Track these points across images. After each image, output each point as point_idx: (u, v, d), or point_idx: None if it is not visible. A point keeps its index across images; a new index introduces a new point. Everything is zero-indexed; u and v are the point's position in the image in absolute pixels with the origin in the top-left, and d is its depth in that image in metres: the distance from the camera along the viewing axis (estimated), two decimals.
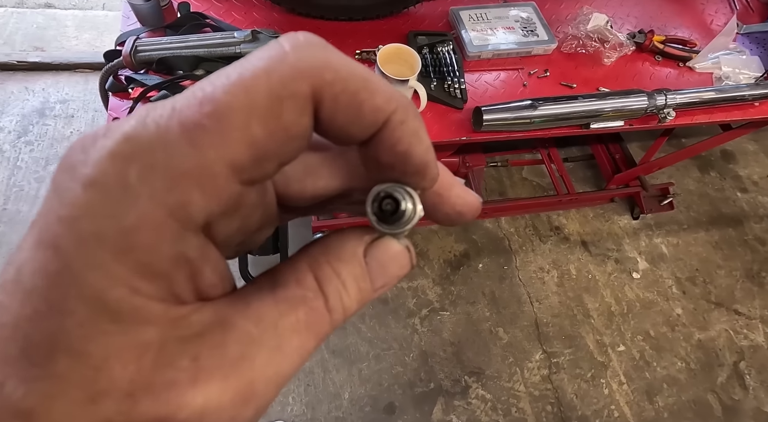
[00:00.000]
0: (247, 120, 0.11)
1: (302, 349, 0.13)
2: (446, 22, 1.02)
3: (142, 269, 0.11)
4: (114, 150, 0.11)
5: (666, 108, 0.94)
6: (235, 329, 0.12)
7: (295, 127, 0.12)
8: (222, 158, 0.11)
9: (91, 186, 0.11)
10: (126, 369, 0.11)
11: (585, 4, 1.10)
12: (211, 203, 0.11)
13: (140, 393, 0.11)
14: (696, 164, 1.89)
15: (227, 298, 0.13)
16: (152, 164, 0.11)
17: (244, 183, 0.12)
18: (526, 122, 0.90)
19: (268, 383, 0.12)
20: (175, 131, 0.11)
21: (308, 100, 0.12)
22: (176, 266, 0.11)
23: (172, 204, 0.11)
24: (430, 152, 0.14)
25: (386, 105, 0.13)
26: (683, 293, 1.60)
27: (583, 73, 1.01)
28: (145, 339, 0.11)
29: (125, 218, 0.11)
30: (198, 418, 0.11)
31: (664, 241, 1.70)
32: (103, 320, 0.11)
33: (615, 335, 1.49)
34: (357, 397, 1.31)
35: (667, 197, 1.62)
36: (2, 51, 1.73)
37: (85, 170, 0.11)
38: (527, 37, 1.00)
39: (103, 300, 0.11)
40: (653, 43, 1.04)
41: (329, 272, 0.14)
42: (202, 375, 0.11)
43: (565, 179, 1.56)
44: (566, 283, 1.57)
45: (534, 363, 1.43)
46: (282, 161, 0.13)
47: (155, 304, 0.11)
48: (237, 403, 0.12)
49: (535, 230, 1.66)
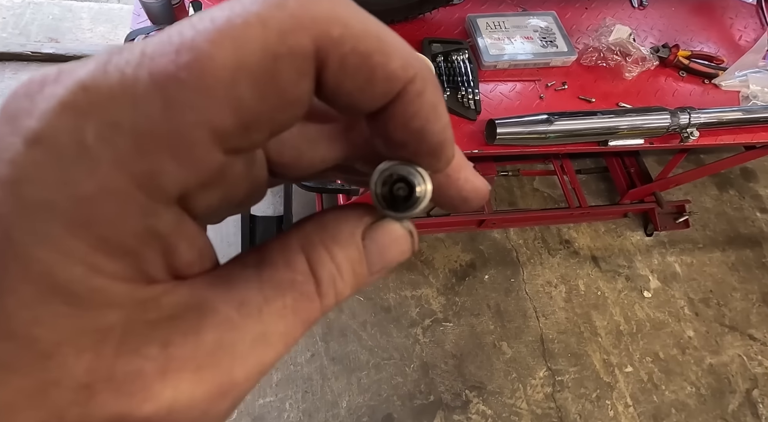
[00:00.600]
0: (234, 78, 0.09)
1: (288, 337, 0.12)
2: (462, 29, 0.99)
3: (102, 244, 0.09)
4: (66, 100, 0.09)
5: (689, 127, 0.90)
6: (213, 313, 0.11)
7: (292, 91, 0.10)
8: (202, 122, 0.09)
9: (37, 143, 0.09)
10: (81, 357, 0.09)
11: (607, 15, 1.06)
12: (187, 174, 0.10)
13: (99, 384, 0.10)
14: (714, 181, 1.83)
15: (206, 277, 0.12)
16: (116, 122, 0.09)
17: (228, 152, 0.10)
18: (540, 137, 0.87)
19: (248, 373, 0.11)
20: (145, 83, 0.09)
21: (310, 60, 0.10)
22: (145, 243, 0.10)
23: (139, 173, 0.09)
24: (448, 130, 0.12)
25: (403, 72, 0.11)
26: (696, 315, 1.55)
27: (602, 88, 0.97)
28: (106, 322, 0.10)
29: (81, 185, 0.09)
30: (165, 414, 0.10)
31: (677, 260, 1.65)
32: (54, 301, 0.09)
33: (623, 355, 1.45)
34: (355, 407, 1.28)
35: (683, 215, 1.58)
36: (17, 41, 1.74)
37: (29, 122, 0.09)
38: (546, 47, 0.96)
39: (53, 279, 0.09)
40: (678, 58, 1.00)
41: (323, 254, 0.13)
42: (172, 364, 0.10)
43: (578, 192, 1.52)
44: (574, 299, 1.53)
45: (537, 379, 1.39)
46: (274, 130, 0.11)
47: (119, 284, 0.10)
48: (212, 397, 0.10)
49: (544, 243, 1.62)
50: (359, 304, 1.43)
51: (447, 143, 0.13)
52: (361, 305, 1.43)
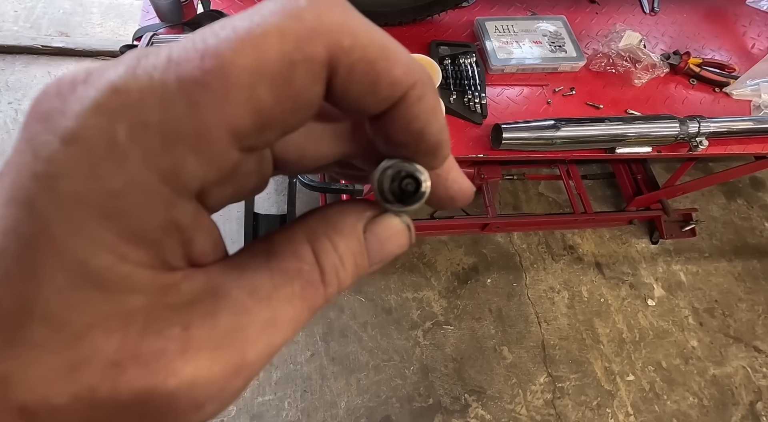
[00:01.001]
0: (253, 83, 0.10)
1: (295, 321, 0.13)
2: (471, 32, 0.98)
3: (129, 235, 0.10)
4: (99, 102, 0.10)
5: (698, 136, 0.89)
6: (228, 298, 0.12)
7: (306, 95, 0.11)
8: (223, 123, 0.10)
9: (73, 142, 0.10)
10: (111, 338, 0.10)
11: (618, 21, 1.05)
12: (207, 170, 0.11)
13: (127, 361, 0.10)
14: (722, 190, 1.81)
15: (219, 265, 0.13)
16: (145, 122, 0.10)
17: (243, 150, 0.11)
18: (547, 143, 0.86)
19: (259, 354, 0.12)
20: (172, 87, 0.10)
21: (323, 67, 0.11)
22: (167, 234, 0.11)
23: (165, 169, 0.10)
24: (445, 131, 0.14)
25: (405, 78, 0.12)
26: (700, 324, 1.54)
27: (611, 94, 0.96)
28: (132, 306, 0.11)
29: (112, 179, 0.10)
30: (187, 388, 0.11)
31: (683, 269, 1.63)
32: (86, 287, 0.10)
33: (625, 363, 1.44)
34: (353, 407, 1.28)
35: (690, 223, 1.56)
36: (28, 35, 1.75)
37: (64, 122, 0.10)
38: (554, 52, 0.96)
39: (86, 267, 0.10)
40: (689, 65, 0.99)
41: (327, 245, 0.14)
42: (192, 344, 0.11)
43: (583, 198, 1.51)
44: (577, 305, 1.52)
45: (538, 385, 1.38)
46: (286, 130, 0.12)
47: (143, 271, 0.11)
48: (228, 374, 0.11)
49: (547, 248, 1.61)
50: (360, 305, 1.43)
51: (443, 143, 0.14)
52: (362, 306, 1.43)
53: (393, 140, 0.13)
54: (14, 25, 1.78)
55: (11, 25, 1.78)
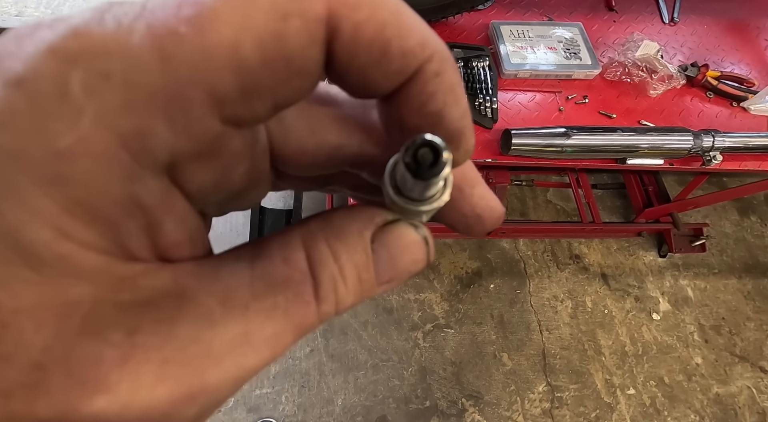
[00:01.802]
0: (238, 38, 0.08)
1: (275, 342, 0.10)
2: (485, 35, 0.98)
3: (76, 207, 0.08)
4: (55, 45, 0.08)
5: (713, 150, 0.87)
6: (192, 303, 0.10)
7: (300, 57, 0.09)
8: (199, 82, 0.08)
9: (17, 87, 0.08)
10: (40, 332, 0.08)
11: (636, 30, 1.03)
12: (179, 137, 0.09)
13: (53, 365, 0.08)
14: (736, 206, 1.78)
15: (193, 264, 0.11)
16: (105, 72, 0.08)
17: (227, 121, 0.09)
18: (557, 150, 0.85)
19: (223, 377, 0.10)
20: (141, 35, 0.08)
21: (321, 25, 0.09)
22: (125, 212, 0.09)
23: (126, 130, 0.08)
24: (467, 117, 0.11)
25: (420, 49, 0.10)
26: (705, 341, 1.51)
27: (624, 104, 0.95)
28: (73, 297, 0.09)
29: (59, 137, 0.08)
30: (120, 410, 0.09)
31: (690, 284, 1.60)
32: (16, 262, 0.08)
33: (626, 376, 1.42)
34: (350, 405, 1.29)
35: (700, 238, 1.53)
36: None
37: (12, 64, 0.08)
38: (569, 59, 0.95)
39: (18, 239, 0.08)
40: (706, 78, 0.97)
41: (325, 252, 0.11)
42: (135, 354, 0.09)
43: (592, 207, 1.49)
44: (580, 315, 1.51)
45: (536, 394, 1.37)
46: (278, 102, 0.10)
47: (92, 255, 0.09)
48: (176, 399, 0.09)
49: (553, 256, 1.59)
50: (361, 304, 1.43)
51: (466, 132, 0.12)
52: (363, 304, 1.43)
53: (406, 125, 0.11)
54: (36, 11, 1.81)
55: (33, 11, 1.81)
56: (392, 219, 0.13)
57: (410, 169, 0.11)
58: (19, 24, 0.54)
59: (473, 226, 0.14)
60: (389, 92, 0.11)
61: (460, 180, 0.13)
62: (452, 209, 0.14)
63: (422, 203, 0.12)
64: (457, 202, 0.14)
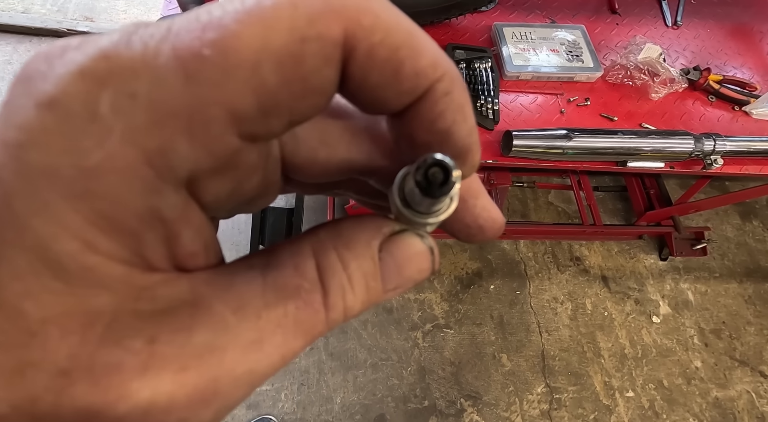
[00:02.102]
0: (259, 60, 0.09)
1: (286, 348, 0.11)
2: (488, 37, 0.98)
3: (102, 221, 0.09)
4: (85, 67, 0.08)
5: (714, 154, 0.87)
6: (208, 312, 0.10)
7: (317, 78, 0.10)
8: (220, 102, 0.09)
9: (49, 108, 0.08)
10: (66, 340, 0.09)
11: (639, 33, 1.03)
12: (199, 154, 0.09)
13: (77, 372, 0.09)
14: (738, 210, 1.77)
15: (208, 273, 0.11)
16: (133, 93, 0.09)
17: (244, 138, 0.10)
18: (558, 152, 0.85)
19: (236, 382, 0.10)
20: (167, 57, 0.09)
21: (337, 47, 0.10)
22: (147, 225, 0.10)
23: (150, 148, 0.09)
24: (475, 133, 0.12)
25: (432, 70, 0.10)
26: (705, 345, 1.51)
27: (626, 107, 0.95)
28: (96, 306, 0.09)
29: (88, 155, 0.08)
30: (141, 415, 0.09)
31: (691, 287, 1.60)
32: (45, 274, 0.09)
33: (625, 379, 1.42)
34: (349, 404, 1.29)
35: (701, 242, 1.53)
36: (55, 18, 1.80)
37: (43, 85, 0.08)
38: (571, 61, 0.95)
39: (47, 251, 0.09)
40: (708, 82, 0.97)
41: (335, 261, 0.12)
42: (155, 362, 0.09)
43: (593, 209, 1.49)
44: (580, 317, 1.51)
45: (535, 395, 1.38)
46: (293, 119, 0.10)
47: (115, 266, 0.09)
48: (193, 402, 0.10)
49: (554, 258, 1.60)
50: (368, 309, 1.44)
51: (473, 148, 0.12)
52: None
53: (416, 141, 0.12)
54: (42, 7, 1.83)
55: (39, 8, 1.82)
56: (399, 229, 0.13)
57: (421, 187, 0.11)
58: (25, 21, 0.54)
59: (475, 235, 0.15)
60: (400, 109, 0.11)
61: (464, 191, 0.14)
62: (455, 219, 0.14)
63: (428, 216, 0.12)
64: (460, 213, 0.14)
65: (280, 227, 1.25)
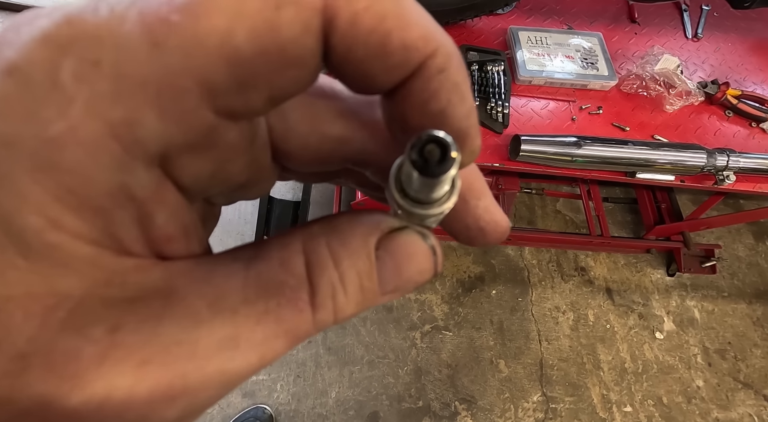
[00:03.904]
0: (230, 26, 0.08)
1: (265, 349, 0.10)
2: (503, 40, 0.98)
3: (67, 196, 0.08)
4: (48, 32, 0.08)
5: (726, 170, 0.85)
6: (180, 303, 0.10)
7: (295, 47, 0.09)
8: (190, 71, 0.08)
9: (10, 74, 0.08)
10: (28, 322, 0.08)
11: (657, 43, 1.02)
12: (170, 129, 0.09)
13: (35, 357, 0.08)
14: (752, 229, 1.74)
15: (188, 263, 0.11)
16: (96, 61, 0.08)
17: (220, 113, 0.09)
18: (566, 160, 0.85)
19: (206, 381, 0.09)
20: (133, 23, 0.08)
21: (316, 13, 0.09)
22: (116, 203, 0.09)
23: (115, 120, 0.08)
24: (473, 116, 0.11)
25: (423, 44, 0.10)
26: (708, 365, 1.48)
27: (639, 117, 0.94)
28: (62, 288, 0.09)
29: (49, 125, 0.08)
30: (95, 409, 0.09)
31: (698, 305, 1.57)
32: (10, 251, 0.08)
33: (624, 393, 1.41)
34: (343, 399, 1.30)
35: (711, 260, 1.50)
36: None
37: (8, 52, 0.08)
38: (586, 69, 0.94)
39: (8, 224, 0.08)
40: (726, 96, 0.95)
41: (326, 258, 0.11)
42: (114, 352, 0.09)
43: (601, 220, 1.47)
44: (581, 328, 1.49)
45: (530, 403, 1.37)
46: (274, 94, 0.10)
47: (82, 245, 0.09)
48: (155, 399, 0.09)
49: (558, 267, 1.58)
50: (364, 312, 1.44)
51: (471, 131, 0.11)
52: None
53: (408, 124, 0.11)
54: None
55: None
56: (399, 226, 0.12)
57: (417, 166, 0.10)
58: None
59: (475, 238, 0.14)
60: (391, 88, 0.10)
61: (466, 191, 0.13)
62: (455, 218, 0.13)
63: (428, 207, 0.11)
64: (460, 213, 0.13)
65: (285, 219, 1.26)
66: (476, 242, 0.14)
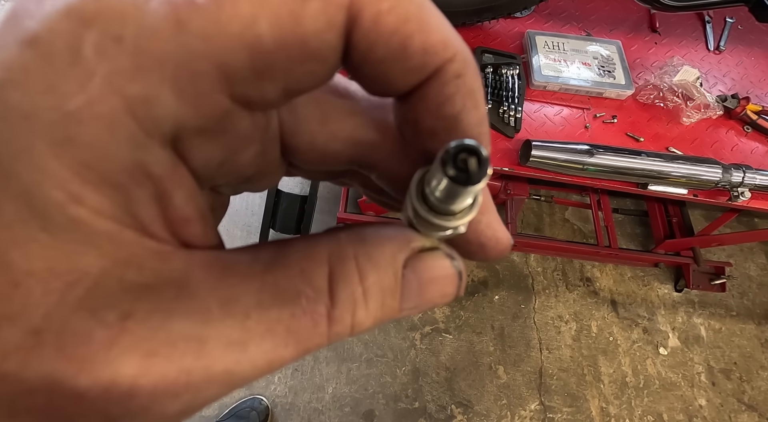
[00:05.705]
0: (254, 13, 0.08)
1: (273, 356, 0.10)
2: (519, 44, 0.97)
3: (86, 171, 0.08)
4: (72, 6, 0.08)
5: (741, 186, 0.84)
6: (192, 299, 0.09)
7: (317, 42, 0.09)
8: (210, 54, 0.08)
9: (31, 45, 0.08)
10: (46, 297, 0.08)
11: (677, 54, 1.00)
12: (185, 109, 0.09)
13: (48, 335, 0.08)
14: (765, 249, 1.70)
15: (208, 255, 0.10)
16: (118, 36, 0.08)
17: (236, 100, 0.09)
18: (577, 168, 0.84)
19: (211, 379, 0.09)
20: (159, 2, 0.08)
21: (341, 9, 0.09)
22: (134, 179, 0.09)
23: (133, 96, 0.08)
24: (485, 123, 0.11)
25: (442, 48, 0.10)
26: (712, 384, 1.45)
27: (654, 128, 0.92)
28: (82, 265, 0.09)
29: (69, 98, 0.08)
30: (101, 393, 0.08)
31: (704, 323, 1.55)
32: (33, 225, 0.08)
33: (623, 407, 1.39)
34: (340, 395, 1.30)
35: (721, 277, 1.48)
36: None
37: (29, 23, 0.08)
38: (602, 77, 0.93)
39: (31, 199, 0.08)
40: (746, 111, 0.93)
41: (352, 272, 0.11)
42: (124, 339, 0.09)
43: (610, 231, 1.45)
44: (583, 339, 1.47)
45: (527, 412, 1.35)
46: (289, 86, 0.10)
47: (103, 221, 0.09)
48: (158, 392, 0.09)
49: (563, 276, 1.56)
50: None
51: (483, 139, 0.11)
52: None
53: (420, 126, 0.11)
54: None
55: None
56: (430, 246, 0.12)
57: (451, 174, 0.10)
58: None
59: (475, 253, 0.13)
60: (407, 91, 0.10)
61: None
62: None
63: (449, 218, 0.11)
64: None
65: (292, 213, 1.27)
66: (476, 257, 0.13)
